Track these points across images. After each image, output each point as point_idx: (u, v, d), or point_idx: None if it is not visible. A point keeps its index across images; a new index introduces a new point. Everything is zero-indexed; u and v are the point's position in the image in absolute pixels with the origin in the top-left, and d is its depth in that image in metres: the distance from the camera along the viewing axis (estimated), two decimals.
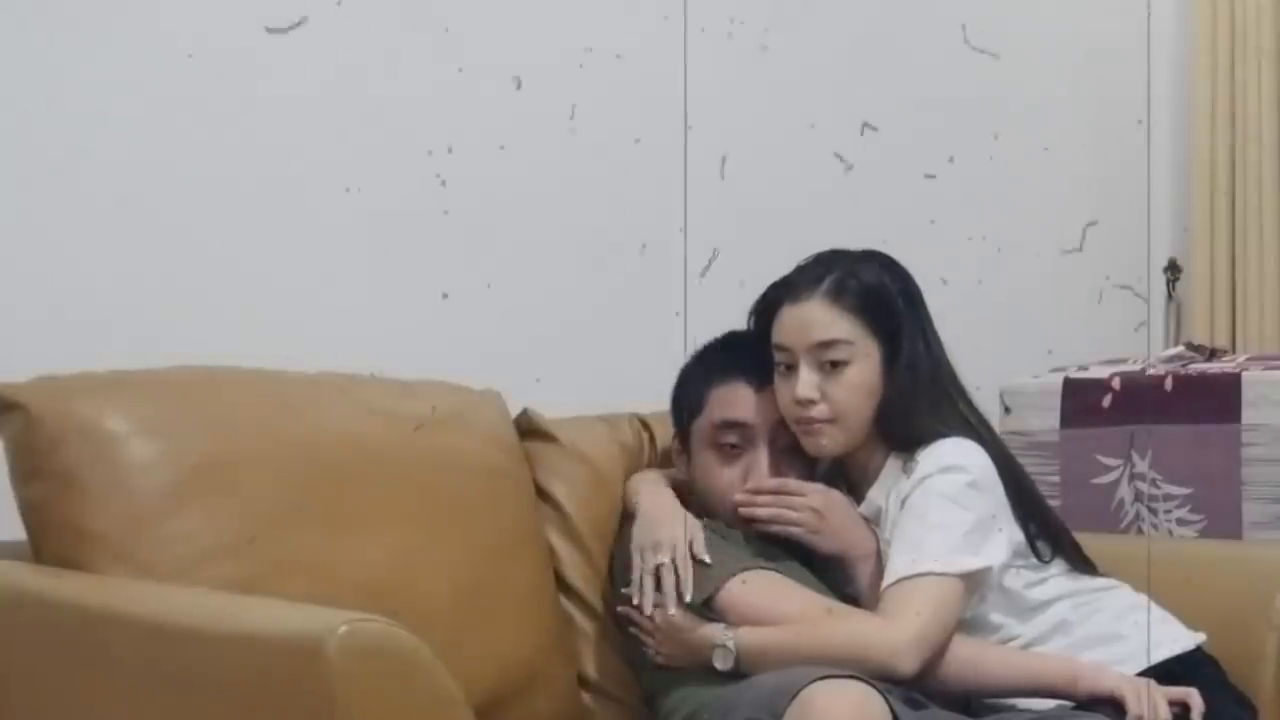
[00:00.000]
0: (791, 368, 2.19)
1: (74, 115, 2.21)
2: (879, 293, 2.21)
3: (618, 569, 2.28)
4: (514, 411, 2.39)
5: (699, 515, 2.22)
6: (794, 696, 1.79)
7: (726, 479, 2.24)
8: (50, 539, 1.89)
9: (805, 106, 3.09)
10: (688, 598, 2.10)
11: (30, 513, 1.91)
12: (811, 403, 2.17)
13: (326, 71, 2.45)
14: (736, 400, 2.24)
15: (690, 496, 2.28)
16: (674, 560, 2.11)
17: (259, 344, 2.25)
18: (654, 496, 2.24)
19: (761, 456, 2.23)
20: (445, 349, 2.52)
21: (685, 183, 2.85)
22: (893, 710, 1.83)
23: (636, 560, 2.14)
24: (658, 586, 2.11)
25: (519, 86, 2.67)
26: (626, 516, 2.31)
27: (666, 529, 2.15)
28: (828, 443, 2.20)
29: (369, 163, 2.50)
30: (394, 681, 1.54)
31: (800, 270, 2.25)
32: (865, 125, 3.18)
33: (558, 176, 2.72)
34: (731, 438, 2.24)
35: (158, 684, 1.69)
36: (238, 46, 2.37)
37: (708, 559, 2.12)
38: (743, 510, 2.21)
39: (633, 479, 2.37)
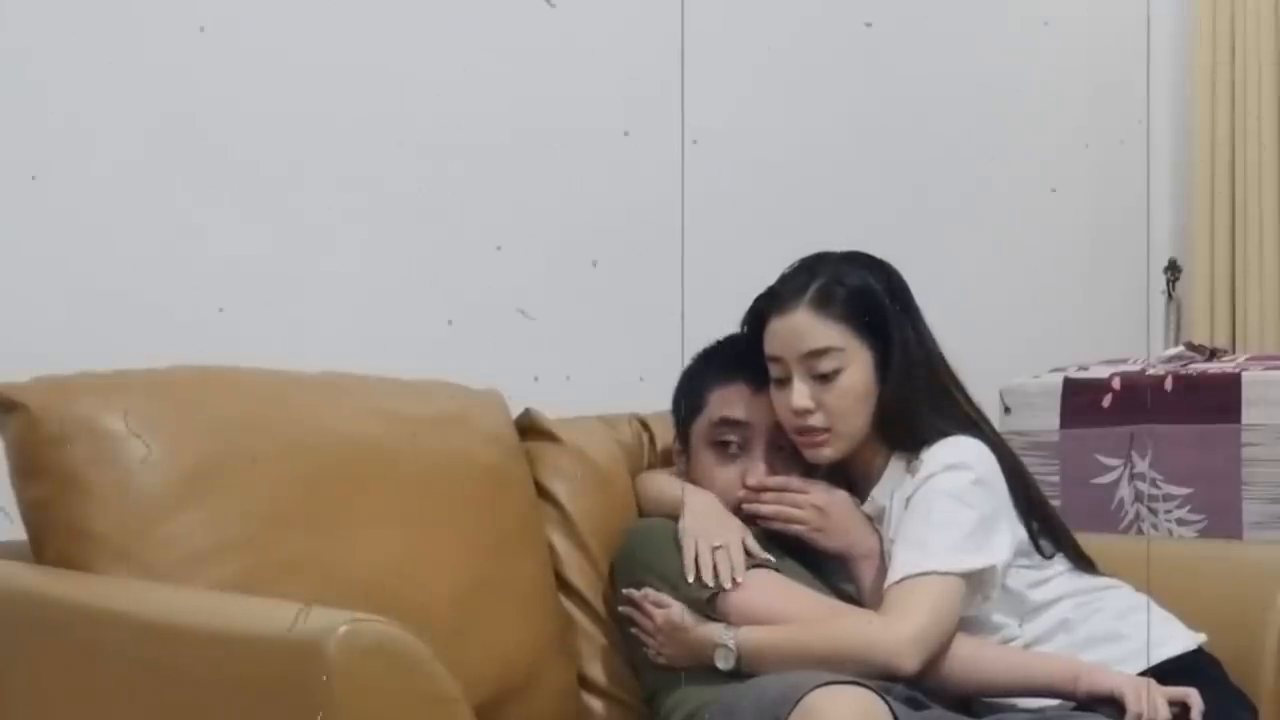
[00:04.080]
0: (785, 378, 2.19)
1: (73, 113, 2.21)
2: (866, 295, 2.20)
3: (619, 569, 2.28)
4: (514, 412, 2.39)
5: None
6: (796, 703, 1.79)
7: (725, 478, 2.24)
8: (51, 539, 1.89)
9: (810, 117, 3.09)
10: (739, 579, 2.10)
11: (31, 513, 1.91)
12: (808, 412, 2.17)
13: (323, 69, 2.45)
14: (736, 399, 2.24)
15: None
16: (731, 544, 2.12)
17: (259, 344, 2.25)
18: (701, 494, 2.24)
19: (759, 456, 2.24)
20: (446, 349, 2.52)
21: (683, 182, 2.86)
22: (895, 715, 1.83)
23: (690, 543, 2.14)
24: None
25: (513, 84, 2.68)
26: (645, 514, 2.32)
27: (724, 522, 2.17)
28: (829, 451, 2.20)
29: (368, 161, 2.50)
30: (394, 681, 1.54)
31: (784, 279, 2.25)
32: (869, 128, 3.18)
33: (557, 177, 2.72)
34: (730, 436, 2.25)
35: (158, 684, 1.69)
36: (241, 44, 2.37)
37: (769, 557, 2.14)
38: (746, 507, 2.22)
39: (648, 477, 2.37)
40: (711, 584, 2.10)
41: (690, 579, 2.11)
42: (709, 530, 2.15)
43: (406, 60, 2.55)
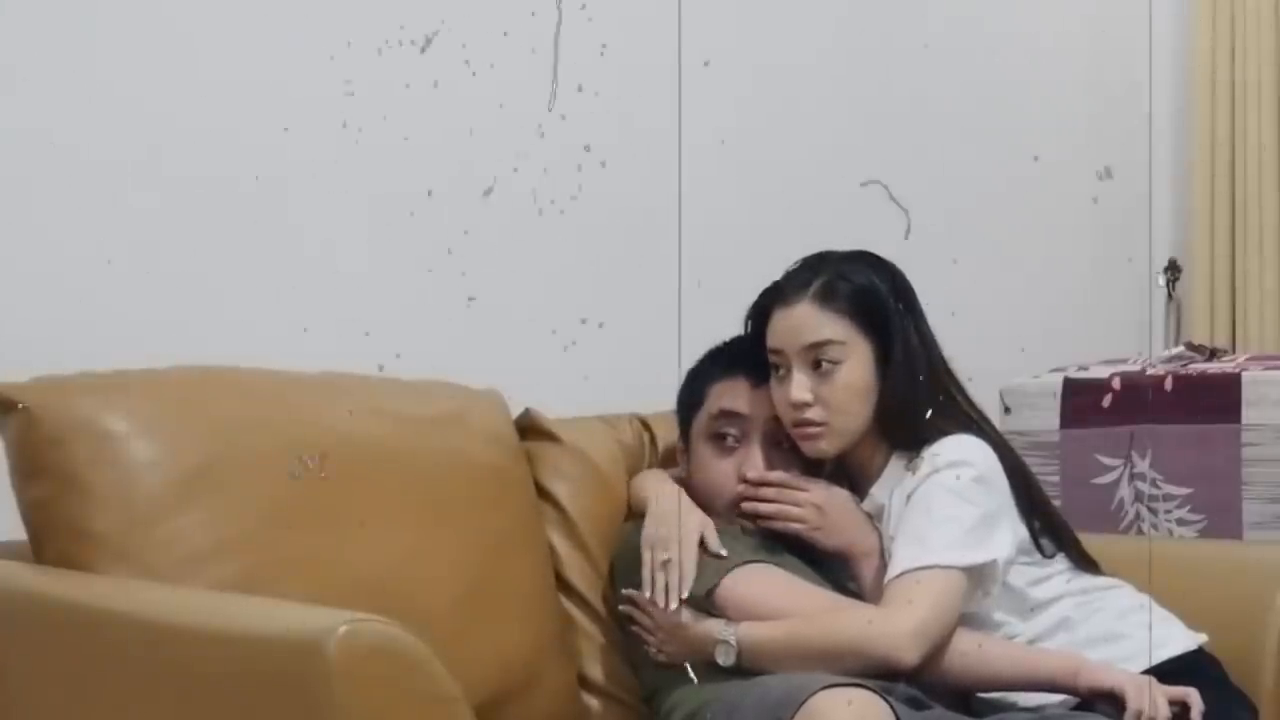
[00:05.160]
0: (786, 372, 2.20)
1: (73, 116, 2.21)
2: (869, 292, 2.21)
3: (619, 568, 2.28)
4: (514, 412, 2.39)
5: None
6: (800, 705, 1.79)
7: (722, 471, 2.25)
8: (51, 539, 1.89)
9: (811, 118, 3.09)
10: (685, 594, 2.10)
11: (31, 513, 1.91)
12: (806, 405, 2.18)
13: (321, 68, 2.45)
14: (734, 393, 2.26)
15: (691, 494, 2.28)
16: (680, 556, 2.12)
17: (259, 344, 2.25)
18: (665, 494, 2.25)
19: (756, 450, 2.24)
20: (446, 349, 2.52)
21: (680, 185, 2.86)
22: (897, 716, 1.83)
23: (646, 555, 2.15)
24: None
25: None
26: (633, 515, 2.32)
27: (675, 525, 2.16)
28: (825, 445, 2.21)
29: (368, 162, 2.50)
30: (394, 681, 1.54)
31: (789, 275, 2.27)
32: (869, 129, 3.18)
33: (558, 177, 2.72)
34: (728, 429, 2.25)
35: (158, 684, 1.69)
36: (238, 44, 2.36)
37: (723, 551, 2.14)
38: (745, 504, 2.22)
39: (639, 477, 2.38)
40: (660, 603, 2.11)
41: (647, 594, 2.12)
42: (663, 537, 2.15)
43: (409, 64, 2.55)
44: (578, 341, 2.72)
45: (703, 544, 2.15)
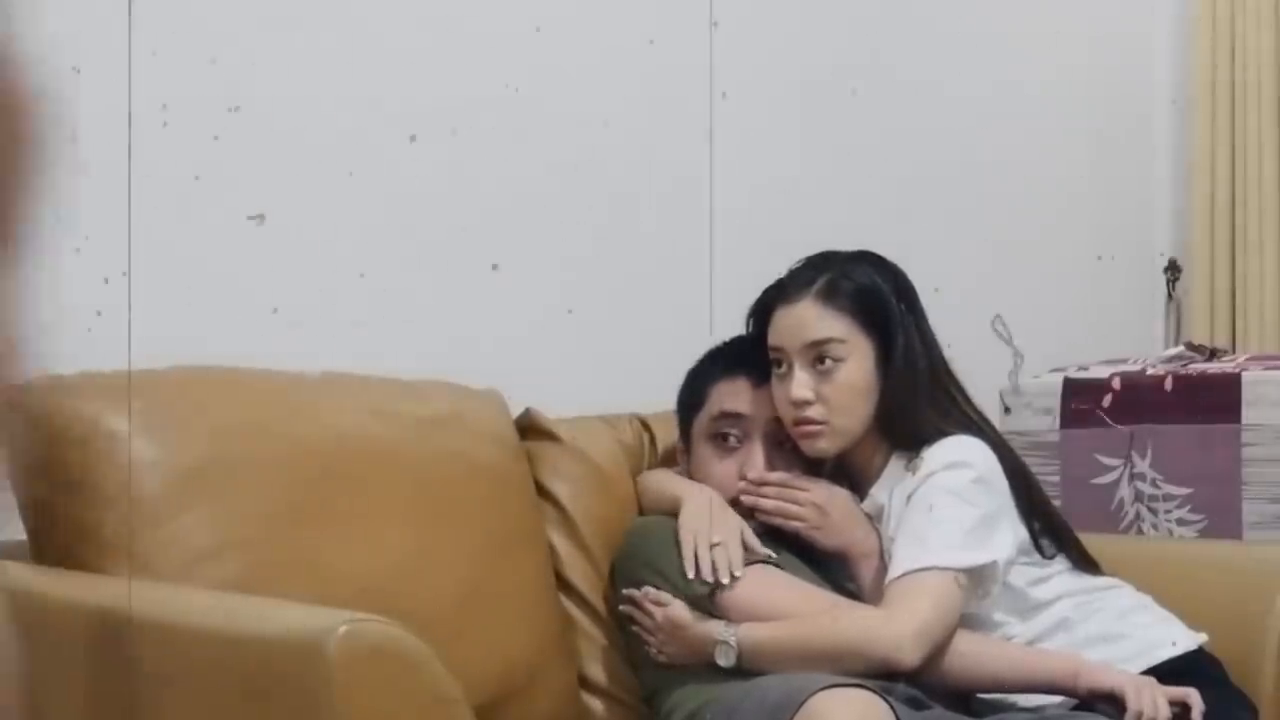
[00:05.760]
0: (787, 370, 2.20)
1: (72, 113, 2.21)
2: (871, 292, 2.22)
3: (619, 568, 2.28)
4: (515, 412, 2.39)
5: None
6: (799, 706, 1.79)
7: (723, 471, 2.25)
8: (51, 539, 1.90)
9: (811, 116, 3.09)
10: (738, 573, 2.10)
11: (31, 513, 1.91)
12: (806, 403, 2.18)
13: (318, 64, 2.45)
14: (736, 393, 2.26)
15: None
16: (729, 541, 2.12)
17: (260, 344, 2.25)
18: (700, 491, 2.24)
19: (757, 450, 2.24)
20: (446, 348, 2.52)
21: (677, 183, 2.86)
22: (897, 716, 1.82)
23: (689, 540, 2.14)
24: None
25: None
26: (646, 512, 2.32)
27: (722, 518, 2.16)
28: (824, 444, 2.21)
29: (367, 159, 2.50)
30: (394, 681, 1.54)
31: (792, 273, 2.27)
32: (870, 128, 3.18)
33: (560, 176, 2.72)
34: (730, 429, 2.25)
35: (158, 684, 1.69)
36: (239, 43, 2.37)
37: (770, 553, 2.15)
38: (745, 500, 2.22)
39: (651, 476, 2.38)
40: (710, 580, 2.10)
41: (690, 575, 2.12)
42: (707, 526, 2.15)
43: (413, 64, 2.55)
44: (577, 341, 2.72)
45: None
